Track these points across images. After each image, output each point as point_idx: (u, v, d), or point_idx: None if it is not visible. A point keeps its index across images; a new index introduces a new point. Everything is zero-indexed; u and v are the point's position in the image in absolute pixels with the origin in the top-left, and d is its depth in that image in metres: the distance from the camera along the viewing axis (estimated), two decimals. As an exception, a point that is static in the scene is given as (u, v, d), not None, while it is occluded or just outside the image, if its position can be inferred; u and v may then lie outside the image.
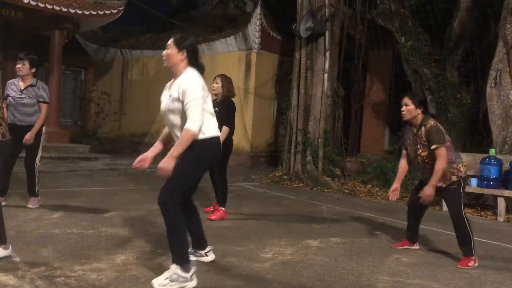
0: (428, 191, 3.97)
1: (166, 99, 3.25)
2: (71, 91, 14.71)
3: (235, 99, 5.64)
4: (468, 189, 6.28)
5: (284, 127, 10.69)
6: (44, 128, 5.37)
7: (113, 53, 15.57)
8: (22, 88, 5.18)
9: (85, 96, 15.07)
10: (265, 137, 12.51)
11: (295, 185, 9.22)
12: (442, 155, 3.96)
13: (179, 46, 3.19)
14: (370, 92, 12.20)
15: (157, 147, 3.47)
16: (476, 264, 4.00)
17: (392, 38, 10.20)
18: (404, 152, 4.45)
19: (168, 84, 3.33)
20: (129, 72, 15.33)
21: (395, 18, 9.82)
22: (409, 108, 4.21)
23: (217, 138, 3.26)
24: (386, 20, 9.98)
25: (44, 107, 5.27)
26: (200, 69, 3.27)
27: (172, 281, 3.01)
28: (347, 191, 8.57)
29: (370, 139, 12.25)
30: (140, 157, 3.24)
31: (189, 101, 3.03)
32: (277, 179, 9.64)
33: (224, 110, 5.23)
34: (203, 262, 3.60)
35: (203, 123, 3.10)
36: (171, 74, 3.33)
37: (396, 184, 4.34)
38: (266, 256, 3.99)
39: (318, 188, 8.85)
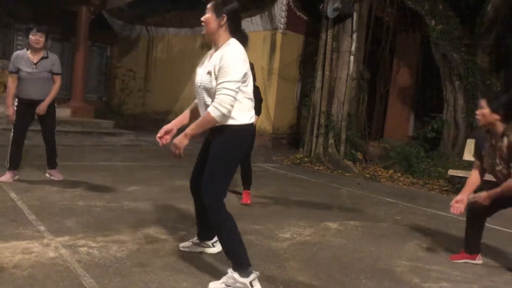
0: (482, 198, 3.38)
1: (201, 73, 2.88)
2: (97, 67, 14.86)
3: (259, 79, 5.59)
4: None
5: (307, 109, 10.60)
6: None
7: (138, 30, 15.62)
8: (35, 62, 5.03)
9: (110, 72, 15.21)
10: (288, 118, 12.45)
11: (316, 167, 9.19)
12: None
13: (218, 10, 2.78)
14: (397, 76, 11.97)
15: (184, 117, 3.25)
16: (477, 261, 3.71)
17: (422, 21, 9.93)
18: (477, 162, 3.65)
19: (208, 53, 2.93)
20: (154, 50, 15.38)
21: (425, 1, 9.54)
22: (483, 112, 3.38)
23: (250, 125, 2.83)
24: (416, 2, 9.70)
25: (58, 78, 5.19)
26: (243, 38, 2.85)
27: (228, 286, 2.72)
28: (368, 175, 8.51)
29: (394, 124, 12.06)
30: (164, 129, 3.05)
31: (224, 81, 2.64)
32: (298, 161, 9.62)
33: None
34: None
35: (237, 108, 2.72)
36: (199, 52, 3.18)
37: (462, 195, 3.50)
38: (285, 236, 4.02)
39: (339, 171, 8.80)
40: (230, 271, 2.73)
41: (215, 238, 3.28)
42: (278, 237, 3.98)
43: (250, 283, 2.68)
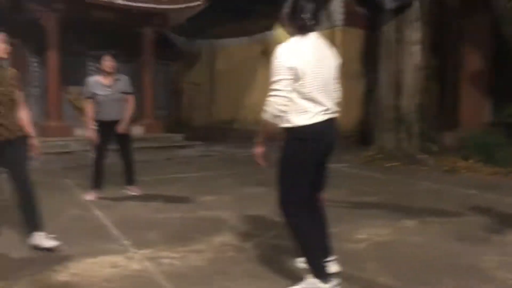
0: None
1: None
2: (164, 84, 15.45)
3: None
4: None
5: (374, 104, 10.33)
6: None
7: (200, 44, 16.10)
8: (108, 85, 5.34)
9: (177, 87, 15.77)
10: (354, 116, 12.19)
11: (389, 164, 8.91)
12: None
13: (284, 10, 2.71)
14: (467, 62, 11.31)
15: None
16: None
17: (491, 2, 9.32)
18: None
19: None
20: (216, 61, 15.77)
21: (493, -23, 8.97)
22: None
23: (310, 127, 2.62)
24: (482, -20, 9.16)
25: (131, 98, 5.50)
26: (302, 28, 2.64)
27: None
28: (446, 167, 8.10)
29: (469, 111, 11.39)
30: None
31: (272, 82, 2.61)
32: (369, 158, 9.38)
33: None
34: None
35: (292, 110, 2.60)
36: (260, 59, 3.15)
37: None
38: (361, 237, 3.93)
39: (414, 166, 8.47)
40: (308, 277, 2.71)
41: (332, 257, 3.00)
42: (355, 238, 3.91)
43: None
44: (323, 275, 2.66)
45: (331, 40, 11.76)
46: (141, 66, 12.81)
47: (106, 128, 5.37)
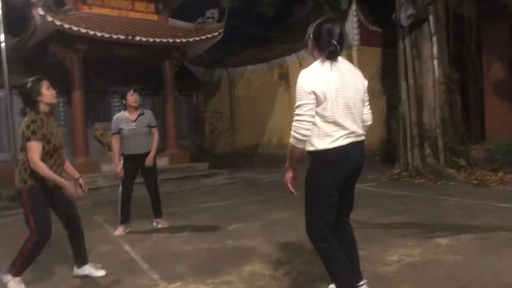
0: None
1: None
2: (186, 114, 15.71)
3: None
4: None
5: (397, 121, 10.23)
6: None
7: (219, 73, 16.39)
8: (133, 119, 5.47)
9: (199, 117, 15.99)
10: (377, 134, 12.10)
11: (416, 181, 8.75)
12: None
13: (308, 32, 2.71)
14: (489, 71, 11.17)
15: None
16: None
17: (508, 10, 9.24)
18: None
19: None
20: (235, 89, 16.00)
21: (508, -13, 8.92)
22: None
23: (331, 151, 2.60)
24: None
25: (156, 131, 5.62)
26: (331, 52, 2.60)
27: None
28: (475, 181, 7.91)
29: (495, 122, 11.17)
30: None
31: (295, 107, 2.60)
32: (395, 176, 9.24)
33: None
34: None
35: (314, 133, 2.60)
36: (278, 84, 3.14)
37: None
38: (392, 259, 3.84)
39: (442, 181, 8.29)
40: None
41: (362, 282, 2.97)
42: (385, 260, 3.82)
43: None
44: None
45: (349, 60, 11.77)
46: (163, 98, 13.07)
47: (133, 162, 5.47)
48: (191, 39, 12.06)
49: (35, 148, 3.36)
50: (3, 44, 9.51)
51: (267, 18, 16.11)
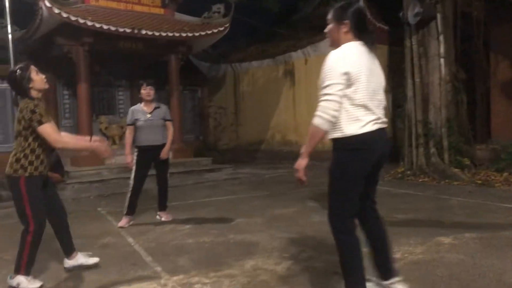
0: None
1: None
2: (191, 109, 15.73)
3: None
4: None
5: (402, 120, 10.19)
6: None
7: (224, 68, 16.38)
8: (149, 112, 5.56)
9: (203, 112, 16.01)
10: (382, 132, 12.06)
11: (420, 180, 8.73)
12: None
13: (340, 18, 2.63)
14: (496, 71, 11.09)
15: None
16: None
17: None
18: None
19: None
20: (240, 84, 15.98)
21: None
22: None
23: (360, 136, 2.52)
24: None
25: (170, 124, 5.70)
26: (369, 38, 2.66)
27: None
28: (479, 181, 7.88)
29: (501, 122, 11.11)
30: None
31: (322, 87, 2.49)
32: (399, 175, 9.22)
33: None
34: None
35: (342, 118, 2.51)
36: (283, 80, 3.12)
37: None
38: (395, 256, 3.83)
39: (446, 181, 8.27)
40: None
41: (394, 279, 2.87)
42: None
43: None
44: None
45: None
46: (168, 93, 13.07)
47: (146, 154, 5.50)
48: (197, 34, 12.05)
49: (51, 129, 3.34)
50: (9, 36, 9.54)
51: (273, 14, 16.11)
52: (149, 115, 5.52)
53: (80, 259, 3.83)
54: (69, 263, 3.82)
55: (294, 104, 13.85)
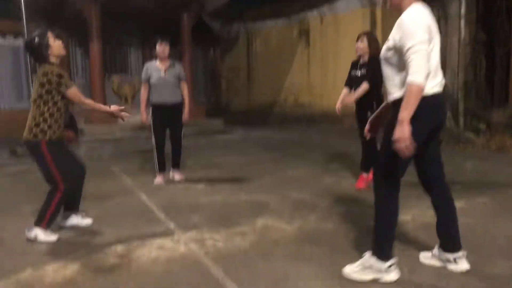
0: None
1: (383, 50, 2.69)
2: (203, 69, 15.63)
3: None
4: None
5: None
6: None
7: (237, 28, 16.08)
8: (163, 69, 5.50)
9: (216, 72, 15.89)
10: (397, 95, 11.89)
11: (433, 144, 8.64)
12: None
13: None
14: (517, 34, 10.73)
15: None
16: None
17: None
18: None
19: None
20: (253, 45, 15.73)
21: None
22: None
23: (431, 97, 2.48)
24: None
25: (186, 84, 5.68)
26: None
27: (365, 269, 2.67)
28: (494, 147, 7.79)
29: (519, 86, 10.85)
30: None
31: (410, 46, 2.39)
32: (412, 139, 9.13)
33: (375, 72, 4.69)
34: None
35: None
36: (298, 40, 3.09)
37: None
38: (405, 218, 3.86)
39: (461, 145, 8.19)
40: (367, 255, 2.70)
41: (460, 253, 2.79)
42: (399, 220, 3.82)
43: (387, 268, 2.62)
44: (385, 255, 2.64)
45: (372, 20, 11.44)
46: (180, 52, 12.95)
47: (161, 111, 5.51)
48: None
49: (77, 92, 3.51)
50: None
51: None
52: (163, 74, 5.49)
53: (73, 220, 3.89)
54: (63, 222, 3.87)
55: (309, 66, 13.64)
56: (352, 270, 2.70)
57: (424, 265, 2.85)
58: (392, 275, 2.64)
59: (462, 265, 2.76)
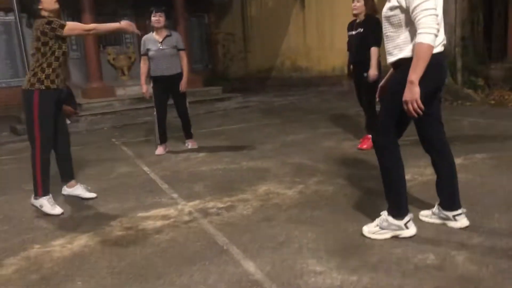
0: None
1: (384, 9, 2.61)
2: (198, 37, 15.39)
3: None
4: None
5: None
6: None
7: (231, -8, 15.76)
8: (160, 40, 5.44)
9: (211, 39, 15.66)
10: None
11: (432, 101, 8.63)
12: None
13: None
14: (517, -15, 10.51)
15: None
16: None
17: None
18: None
19: None
20: (248, 9, 15.44)
21: None
22: None
23: (436, 56, 2.42)
24: None
25: (184, 54, 5.62)
26: None
27: (382, 228, 2.68)
28: (493, 102, 7.78)
29: (518, 40, 10.72)
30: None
31: (418, 4, 2.34)
32: (411, 97, 9.10)
33: (371, 30, 4.76)
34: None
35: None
36: (294, 4, 3.07)
37: None
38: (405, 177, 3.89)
39: (459, 102, 8.18)
40: (384, 214, 2.72)
41: (459, 210, 2.80)
42: (398, 179, 3.88)
43: (405, 224, 2.65)
44: (400, 213, 2.66)
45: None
46: (174, 21, 12.73)
47: (160, 84, 5.51)
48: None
49: (75, 24, 3.58)
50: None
51: None
52: (160, 44, 5.43)
53: (78, 190, 3.97)
54: (67, 190, 4.00)
55: (305, 29, 13.43)
56: (370, 231, 2.72)
57: (424, 223, 2.90)
58: (410, 230, 2.67)
59: (462, 222, 2.79)
